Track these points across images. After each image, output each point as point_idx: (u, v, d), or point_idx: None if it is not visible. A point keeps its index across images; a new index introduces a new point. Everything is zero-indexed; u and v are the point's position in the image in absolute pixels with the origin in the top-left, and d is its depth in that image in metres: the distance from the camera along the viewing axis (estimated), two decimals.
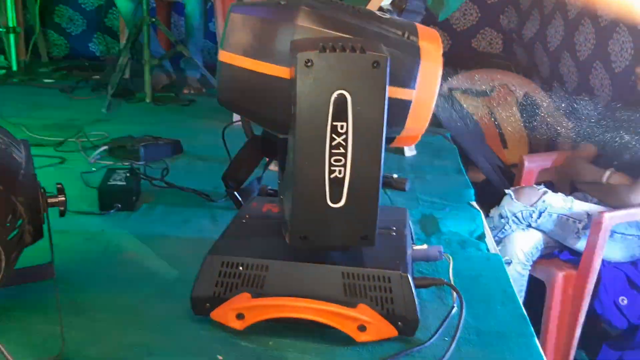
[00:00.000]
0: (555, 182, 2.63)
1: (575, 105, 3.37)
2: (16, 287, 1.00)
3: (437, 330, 0.97)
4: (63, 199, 0.95)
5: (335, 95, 0.87)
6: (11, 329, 0.95)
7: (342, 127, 0.88)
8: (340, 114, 0.87)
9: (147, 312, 1.04)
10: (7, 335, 0.93)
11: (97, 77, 2.97)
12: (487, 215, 2.18)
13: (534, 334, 1.04)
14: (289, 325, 0.96)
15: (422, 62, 0.92)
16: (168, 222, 1.44)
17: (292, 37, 0.91)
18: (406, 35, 0.94)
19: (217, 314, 0.96)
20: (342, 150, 0.89)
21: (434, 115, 2.92)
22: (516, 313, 1.10)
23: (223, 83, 0.96)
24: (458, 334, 0.94)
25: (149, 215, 1.47)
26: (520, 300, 2.08)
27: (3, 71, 3.05)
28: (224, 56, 0.94)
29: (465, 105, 3.08)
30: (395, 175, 1.76)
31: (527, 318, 1.09)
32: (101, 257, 1.24)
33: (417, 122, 0.95)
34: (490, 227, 2.14)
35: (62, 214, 0.95)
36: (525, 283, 2.07)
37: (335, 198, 0.91)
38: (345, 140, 0.88)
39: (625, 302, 2.01)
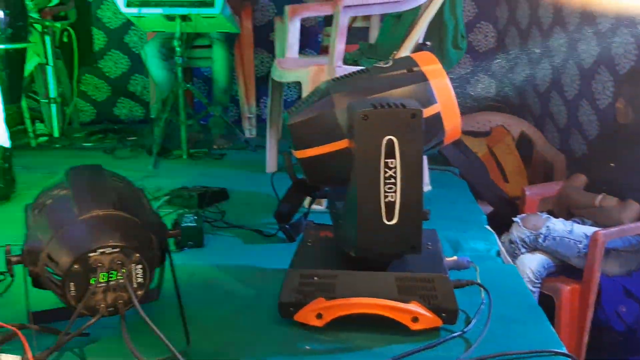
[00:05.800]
0: (554, 209, 2.90)
1: (567, 140, 3.70)
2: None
3: (473, 318, 1.24)
4: (179, 230, 1.23)
5: (385, 139, 1.17)
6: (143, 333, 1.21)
7: (392, 162, 1.17)
8: (390, 153, 1.17)
9: (239, 320, 1.31)
10: (140, 339, 1.18)
11: (134, 138, 3.28)
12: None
13: (547, 317, 1.30)
14: (358, 321, 1.23)
15: (431, 82, 1.23)
16: (232, 254, 1.72)
17: (336, 119, 1.22)
18: (409, 69, 1.24)
19: (300, 316, 1.24)
20: (392, 180, 1.18)
21: (443, 155, 3.22)
22: (529, 304, 1.37)
23: (307, 171, 1.30)
24: (489, 321, 1.22)
25: (216, 250, 1.75)
26: None
27: (45, 138, 3.34)
28: (299, 154, 1.28)
29: (468, 145, 3.39)
30: None
31: (539, 307, 1.36)
32: (190, 283, 1.51)
33: (452, 122, 1.26)
34: None
35: (178, 243, 1.23)
36: (536, 299, 2.32)
37: (390, 217, 1.19)
38: (395, 172, 1.18)
39: (625, 310, 2.26)
